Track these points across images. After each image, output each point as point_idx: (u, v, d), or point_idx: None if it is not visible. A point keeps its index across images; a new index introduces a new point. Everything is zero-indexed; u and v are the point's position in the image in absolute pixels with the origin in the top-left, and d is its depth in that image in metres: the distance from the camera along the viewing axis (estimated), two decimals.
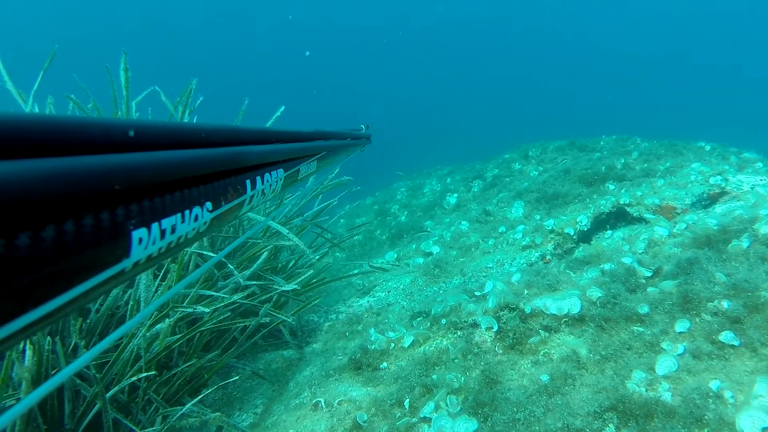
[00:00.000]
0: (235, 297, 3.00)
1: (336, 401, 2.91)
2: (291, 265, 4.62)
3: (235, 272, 3.14)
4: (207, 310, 2.73)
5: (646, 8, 45.59)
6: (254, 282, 3.36)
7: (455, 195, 7.43)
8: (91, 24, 41.58)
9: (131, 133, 0.59)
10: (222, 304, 2.96)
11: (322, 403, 2.90)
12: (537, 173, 7.10)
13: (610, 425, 2.22)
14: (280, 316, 3.29)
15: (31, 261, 0.40)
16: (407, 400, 2.68)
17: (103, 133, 0.56)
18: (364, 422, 2.64)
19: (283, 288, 3.36)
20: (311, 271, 4.14)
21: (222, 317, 2.99)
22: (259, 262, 3.32)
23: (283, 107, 4.16)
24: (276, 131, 1.18)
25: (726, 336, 2.50)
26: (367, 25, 49.41)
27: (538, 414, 2.37)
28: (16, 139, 0.43)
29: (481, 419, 2.41)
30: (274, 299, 3.46)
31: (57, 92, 3.71)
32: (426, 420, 2.51)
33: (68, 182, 0.45)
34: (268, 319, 3.36)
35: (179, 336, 2.84)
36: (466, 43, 50.84)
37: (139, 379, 2.67)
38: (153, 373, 2.54)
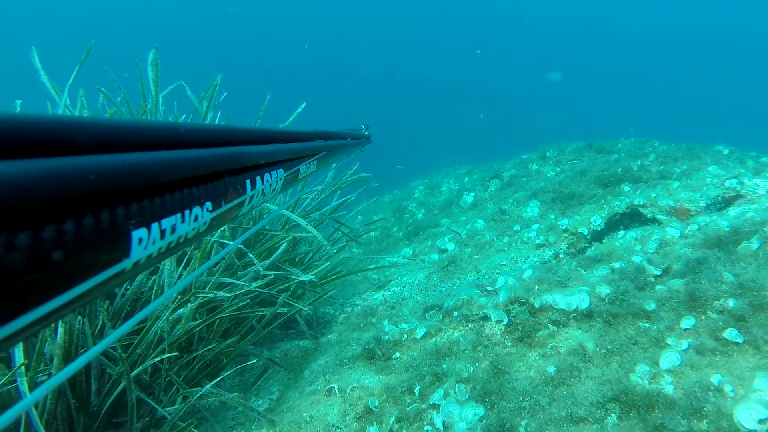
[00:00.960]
0: (254, 285, 3.12)
1: (349, 388, 3.02)
2: (309, 257, 4.75)
3: (256, 261, 3.26)
4: (227, 295, 2.85)
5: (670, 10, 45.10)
6: (272, 272, 3.47)
7: (472, 194, 7.50)
8: (119, 19, 42.22)
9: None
10: (241, 291, 3.09)
11: (336, 389, 3.01)
12: (554, 174, 7.15)
13: (612, 415, 2.29)
14: (297, 305, 3.41)
15: (31, 261, 0.41)
16: (417, 387, 2.77)
17: (104, 132, 0.56)
18: (376, 407, 2.74)
19: (300, 278, 3.48)
20: (328, 263, 4.26)
21: (241, 304, 3.11)
22: (278, 252, 3.44)
23: (304, 104, 4.27)
24: (276, 131, 1.19)
25: (730, 333, 2.56)
26: (382, 22, 49.40)
27: (543, 403, 2.46)
28: (16, 139, 0.43)
29: (488, 406, 2.50)
30: (291, 289, 3.57)
31: (87, 85, 3.87)
32: (435, 407, 2.61)
33: (68, 182, 0.45)
34: (285, 309, 3.47)
35: (200, 321, 2.97)
36: (492, 43, 50.70)
37: (162, 361, 2.80)
38: (175, 354, 2.67)
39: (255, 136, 1.03)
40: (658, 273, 3.23)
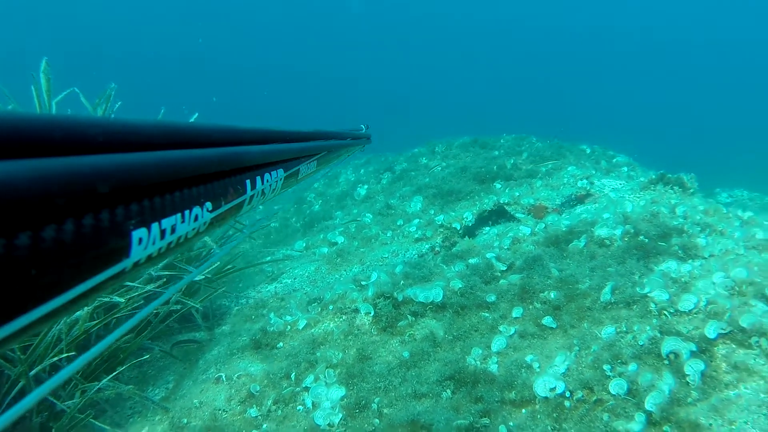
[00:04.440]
0: (149, 287, 3.42)
1: (236, 375, 3.40)
2: (205, 253, 5.04)
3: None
4: (122, 300, 3.15)
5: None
6: (167, 272, 3.78)
7: (366, 186, 7.96)
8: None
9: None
10: (137, 293, 3.38)
11: (224, 377, 3.39)
12: (440, 169, 7.72)
13: (447, 390, 2.82)
14: (189, 303, 3.74)
15: (31, 261, 0.41)
16: (294, 373, 3.21)
17: (103, 133, 0.56)
18: (257, 392, 3.15)
19: (191, 278, 3.80)
20: (218, 263, 4.58)
21: (137, 304, 3.41)
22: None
23: (197, 114, 4.55)
24: (276, 131, 1.20)
25: (547, 320, 3.16)
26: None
27: (396, 383, 2.96)
28: (16, 139, 0.44)
29: (350, 387, 2.97)
30: (182, 290, 3.88)
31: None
32: (306, 389, 3.05)
33: (68, 182, 0.45)
34: (179, 306, 3.78)
35: (97, 321, 3.24)
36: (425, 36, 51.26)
37: (60, 360, 3.07)
38: (73, 353, 2.95)
39: (255, 136, 1.04)
40: (504, 268, 3.82)
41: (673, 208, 4.26)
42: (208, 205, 0.77)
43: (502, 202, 5.52)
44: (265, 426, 2.88)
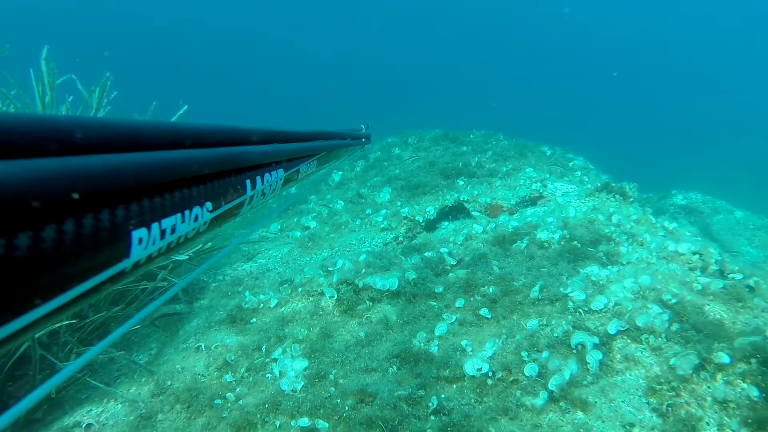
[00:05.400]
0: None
1: (213, 346, 3.89)
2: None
3: None
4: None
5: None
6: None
7: (340, 173, 8.42)
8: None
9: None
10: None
11: (203, 347, 3.88)
12: (411, 160, 8.22)
13: (394, 366, 3.36)
14: (173, 280, 4.21)
15: (31, 261, 0.42)
16: (264, 346, 3.71)
17: (103, 133, 0.56)
18: (232, 360, 3.65)
19: (176, 257, 4.27)
20: (200, 244, 5.04)
21: (128, 279, 3.87)
22: None
23: (186, 107, 4.96)
24: (276, 131, 1.20)
25: (484, 311, 3.70)
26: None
27: (351, 359, 3.48)
28: (16, 139, 0.44)
29: (312, 360, 3.49)
30: (169, 267, 4.35)
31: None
32: (275, 360, 3.56)
33: (68, 182, 0.46)
34: (165, 284, 4.25)
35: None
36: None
37: (60, 326, 3.53)
38: (73, 321, 3.42)
39: (255, 136, 1.04)
40: (454, 263, 4.36)
41: (610, 216, 4.83)
42: (208, 205, 0.78)
43: (462, 199, 6.05)
44: (238, 390, 3.39)
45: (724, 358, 2.95)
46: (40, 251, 0.43)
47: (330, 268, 4.46)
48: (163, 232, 0.65)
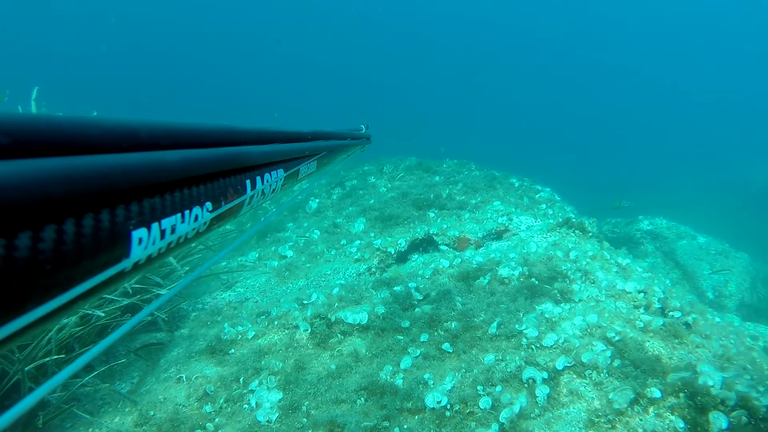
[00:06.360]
0: (125, 301, 4.14)
1: (194, 376, 4.14)
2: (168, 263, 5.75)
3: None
4: (102, 314, 3.87)
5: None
6: (138, 285, 4.49)
7: (317, 200, 8.72)
8: None
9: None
10: (114, 306, 4.10)
11: (184, 377, 4.13)
12: (385, 190, 8.55)
13: (362, 398, 3.66)
14: (158, 314, 4.47)
15: (31, 261, 0.42)
16: (242, 377, 3.98)
17: (103, 133, 0.57)
18: (211, 392, 3.91)
19: (159, 292, 4.53)
20: (183, 277, 5.30)
21: (114, 314, 4.13)
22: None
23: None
24: (276, 131, 1.21)
25: (446, 346, 4.02)
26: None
27: (323, 390, 3.77)
28: (17, 139, 0.44)
29: (286, 392, 3.77)
30: (153, 300, 4.61)
31: None
32: (252, 391, 3.84)
33: (68, 182, 0.46)
34: (148, 318, 4.51)
35: (80, 328, 3.95)
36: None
37: (48, 360, 3.77)
38: (63, 356, 3.66)
39: (255, 135, 1.05)
40: (420, 298, 4.68)
41: (568, 252, 5.20)
42: (208, 205, 0.78)
43: (432, 232, 6.39)
44: (217, 420, 3.65)
45: (656, 393, 3.31)
46: (40, 251, 0.44)
47: (305, 301, 4.75)
48: (163, 233, 0.65)
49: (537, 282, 4.64)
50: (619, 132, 41.28)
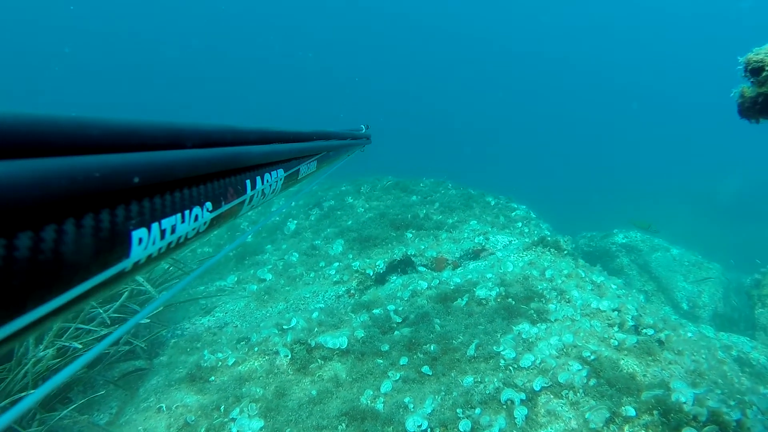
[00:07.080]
0: (104, 331, 4.13)
1: (174, 406, 4.13)
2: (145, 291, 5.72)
3: (100, 310, 4.26)
4: (79, 346, 3.85)
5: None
6: (116, 314, 4.48)
7: (295, 222, 8.74)
8: None
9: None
10: (92, 337, 4.09)
11: (164, 407, 4.12)
12: (363, 210, 8.60)
13: (343, 424, 3.68)
14: (135, 342, 4.45)
15: (31, 261, 0.42)
16: (223, 405, 3.98)
17: (103, 133, 0.57)
18: (192, 421, 3.90)
19: (138, 319, 4.52)
20: (160, 306, 5.28)
21: (91, 347, 4.10)
22: (121, 299, 4.45)
23: None
24: (276, 131, 1.21)
25: (425, 368, 4.07)
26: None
27: (304, 417, 3.79)
28: (17, 139, 0.45)
29: (267, 420, 3.78)
30: (132, 331, 4.59)
31: None
32: (233, 420, 3.84)
33: (68, 182, 0.46)
34: (126, 347, 4.49)
35: (57, 360, 3.93)
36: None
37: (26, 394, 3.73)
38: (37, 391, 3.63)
39: (255, 136, 1.05)
40: (399, 321, 4.72)
41: (544, 271, 5.30)
42: (208, 205, 0.79)
43: (409, 253, 6.46)
44: None
45: (630, 411, 3.39)
46: (41, 251, 0.44)
47: (285, 326, 4.77)
48: (163, 233, 0.65)
49: (514, 302, 4.73)
50: (592, 146, 41.99)
